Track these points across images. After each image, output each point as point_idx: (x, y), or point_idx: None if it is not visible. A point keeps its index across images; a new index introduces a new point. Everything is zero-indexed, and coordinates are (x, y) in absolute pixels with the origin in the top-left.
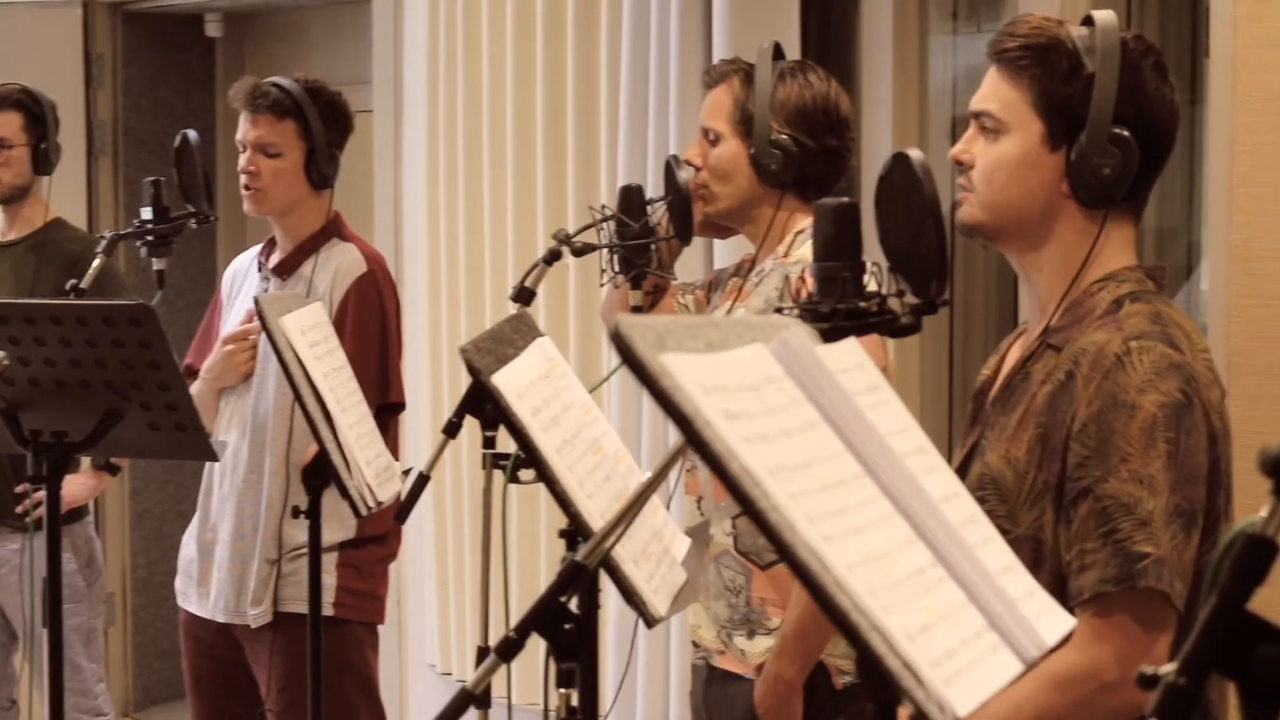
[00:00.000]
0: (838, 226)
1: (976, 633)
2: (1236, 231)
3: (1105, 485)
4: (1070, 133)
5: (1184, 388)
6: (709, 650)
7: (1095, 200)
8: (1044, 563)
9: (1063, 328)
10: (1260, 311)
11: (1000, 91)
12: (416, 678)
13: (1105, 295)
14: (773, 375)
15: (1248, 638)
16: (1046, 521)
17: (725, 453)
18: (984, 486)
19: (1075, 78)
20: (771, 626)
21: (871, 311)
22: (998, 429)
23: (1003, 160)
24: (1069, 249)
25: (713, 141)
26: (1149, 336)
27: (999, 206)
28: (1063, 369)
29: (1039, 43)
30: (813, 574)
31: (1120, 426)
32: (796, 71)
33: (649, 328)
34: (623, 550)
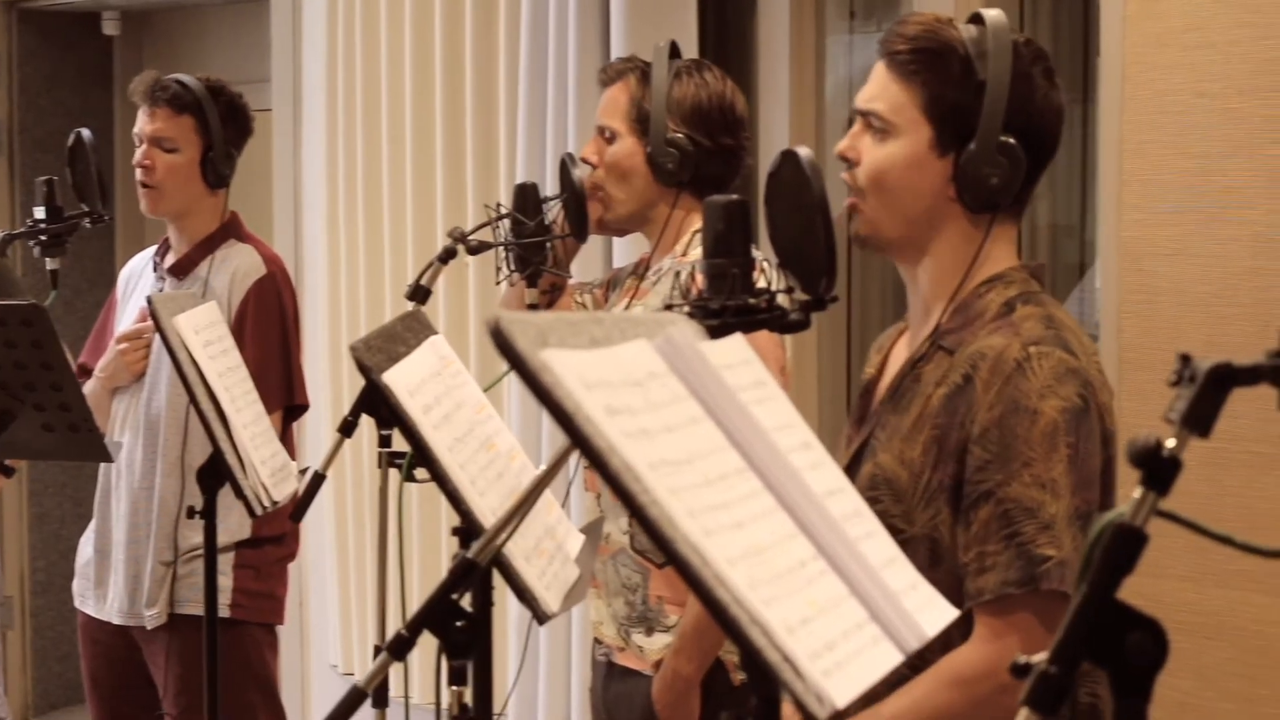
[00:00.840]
0: (727, 223)
1: (858, 625)
2: (1126, 229)
3: (1008, 489)
4: (959, 138)
5: (1081, 392)
6: (610, 647)
7: (981, 206)
8: (941, 561)
9: (953, 329)
10: (1149, 308)
11: (890, 92)
12: (319, 678)
13: (995, 297)
14: (656, 371)
15: (1118, 626)
16: (942, 521)
17: (606, 448)
18: (877, 486)
19: (966, 83)
20: (669, 624)
21: (761, 308)
22: (889, 429)
23: (891, 163)
24: (954, 252)
25: (609, 140)
26: (1046, 342)
27: (888, 213)
28: (959, 372)
29: (930, 46)
30: (693, 568)
31: (1023, 431)
32: (693, 70)
33: (530, 324)
34: (514, 547)
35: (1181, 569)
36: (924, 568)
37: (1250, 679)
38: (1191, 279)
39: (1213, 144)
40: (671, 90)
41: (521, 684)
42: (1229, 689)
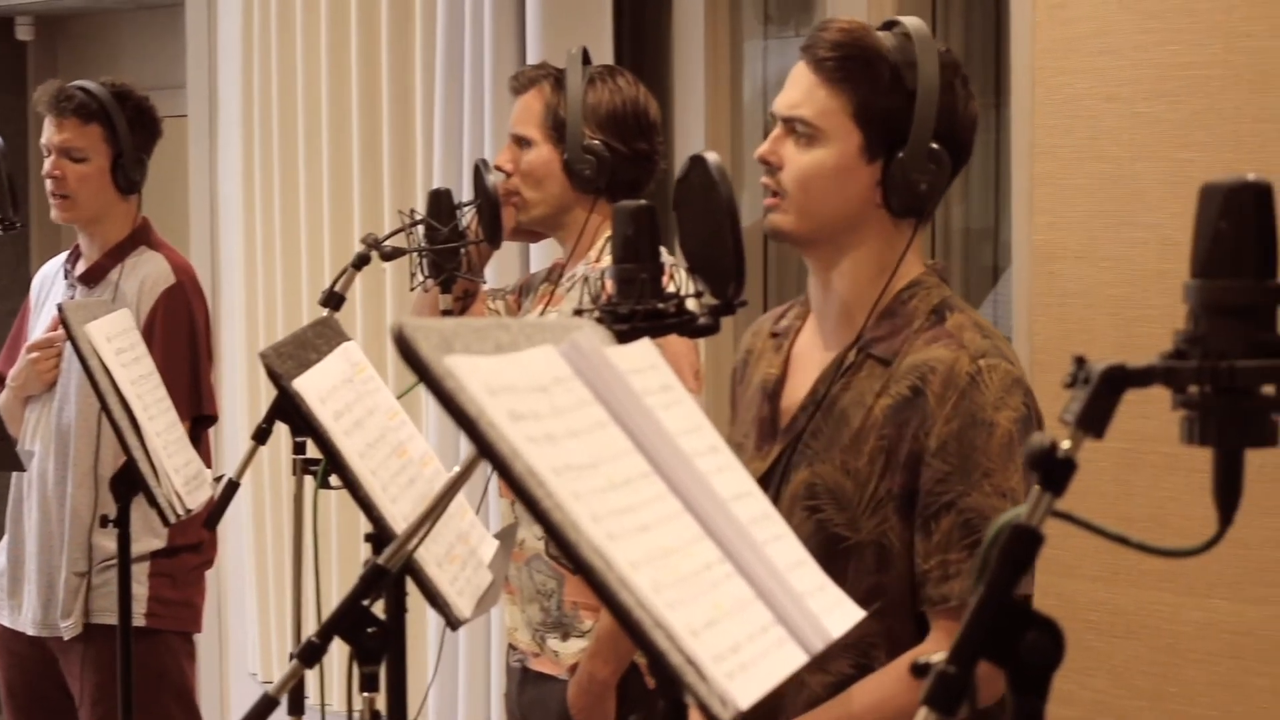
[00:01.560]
0: (635, 228)
1: (763, 627)
2: (1038, 232)
3: (969, 499)
4: (887, 145)
5: (1026, 401)
6: (524, 653)
7: (907, 211)
8: (890, 566)
9: (882, 337)
10: (1061, 310)
11: (816, 98)
12: (237, 687)
13: (919, 304)
14: (561, 376)
15: (1015, 626)
16: (890, 527)
17: (509, 453)
18: (818, 495)
19: (896, 91)
20: (584, 629)
21: (669, 313)
22: (825, 439)
23: (819, 168)
24: (874, 256)
25: (524, 147)
26: (991, 354)
27: (813, 215)
28: (904, 383)
29: (858, 53)
30: (596, 572)
31: (980, 443)
32: (606, 76)
33: (434, 330)
34: (426, 553)
35: (1094, 569)
36: (871, 571)
37: (1161, 677)
38: (1101, 282)
39: (1122, 148)
40: (586, 97)
41: (441, 690)
42: (1140, 687)
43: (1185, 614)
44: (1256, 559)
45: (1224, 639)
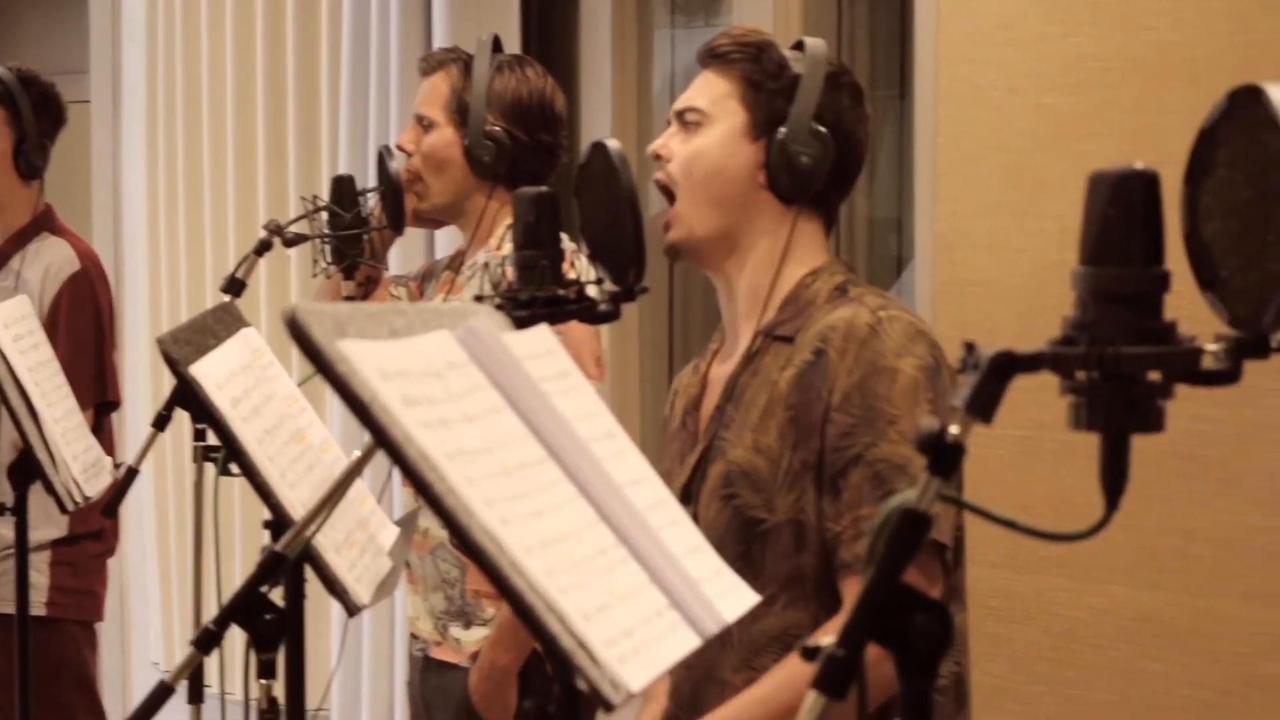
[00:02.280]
0: (536, 215)
1: (657, 612)
2: (941, 221)
3: (876, 449)
4: (771, 125)
5: (933, 352)
6: (426, 641)
7: (790, 191)
8: (806, 546)
9: (787, 319)
10: (964, 300)
11: (710, 86)
12: (140, 676)
13: (822, 285)
14: (457, 361)
15: (904, 609)
16: (807, 502)
17: (402, 438)
18: (733, 483)
19: (781, 76)
20: (487, 618)
21: (570, 299)
22: (736, 425)
23: (703, 149)
24: (765, 244)
25: (426, 129)
26: (892, 306)
27: (700, 203)
28: (808, 349)
29: (751, 41)
30: (489, 556)
31: (884, 390)
32: (514, 65)
33: (328, 314)
34: (324, 539)
35: (993, 556)
36: (789, 554)
37: (1059, 662)
38: (1003, 271)
39: (1024, 139)
40: (492, 84)
41: (345, 678)
42: (1039, 672)
43: (1083, 600)
44: (1152, 546)
45: (1121, 624)
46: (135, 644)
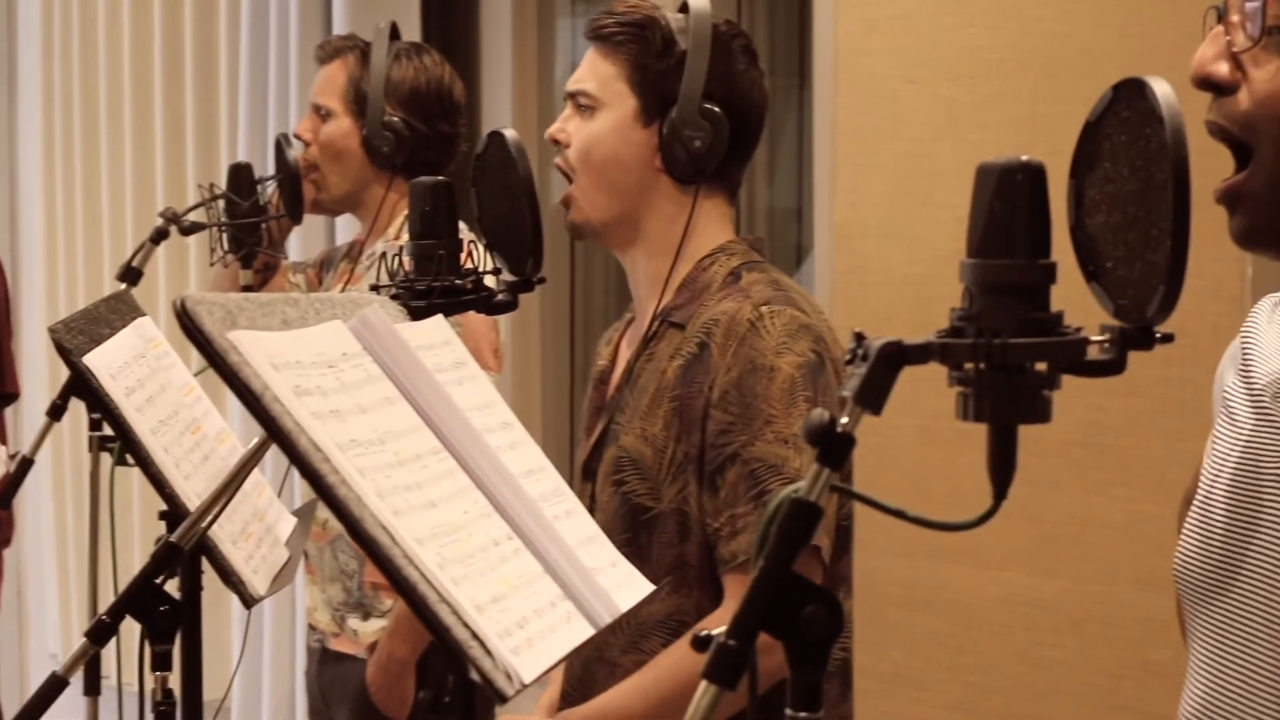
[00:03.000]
0: (433, 205)
1: (551, 602)
2: (839, 211)
3: (752, 448)
4: (663, 108)
5: (815, 347)
6: (324, 633)
7: (687, 174)
8: (690, 535)
9: (682, 304)
10: (861, 288)
11: (597, 69)
12: (38, 668)
13: (718, 269)
14: (350, 352)
15: (794, 600)
16: (690, 493)
17: (294, 428)
18: (622, 468)
19: (668, 54)
20: (384, 609)
21: (467, 289)
22: (629, 411)
23: (597, 135)
24: (666, 225)
25: (324, 118)
26: (776, 301)
27: (599, 189)
28: (693, 341)
29: (634, 20)
30: (381, 548)
31: (761, 389)
32: (412, 54)
33: (218, 305)
34: (220, 530)
35: (892, 544)
36: (673, 543)
37: (957, 649)
38: (901, 260)
39: (921, 129)
40: (390, 73)
41: (246, 669)
42: (937, 659)
43: (981, 588)
44: (1049, 533)
45: (1018, 612)
46: (32, 635)
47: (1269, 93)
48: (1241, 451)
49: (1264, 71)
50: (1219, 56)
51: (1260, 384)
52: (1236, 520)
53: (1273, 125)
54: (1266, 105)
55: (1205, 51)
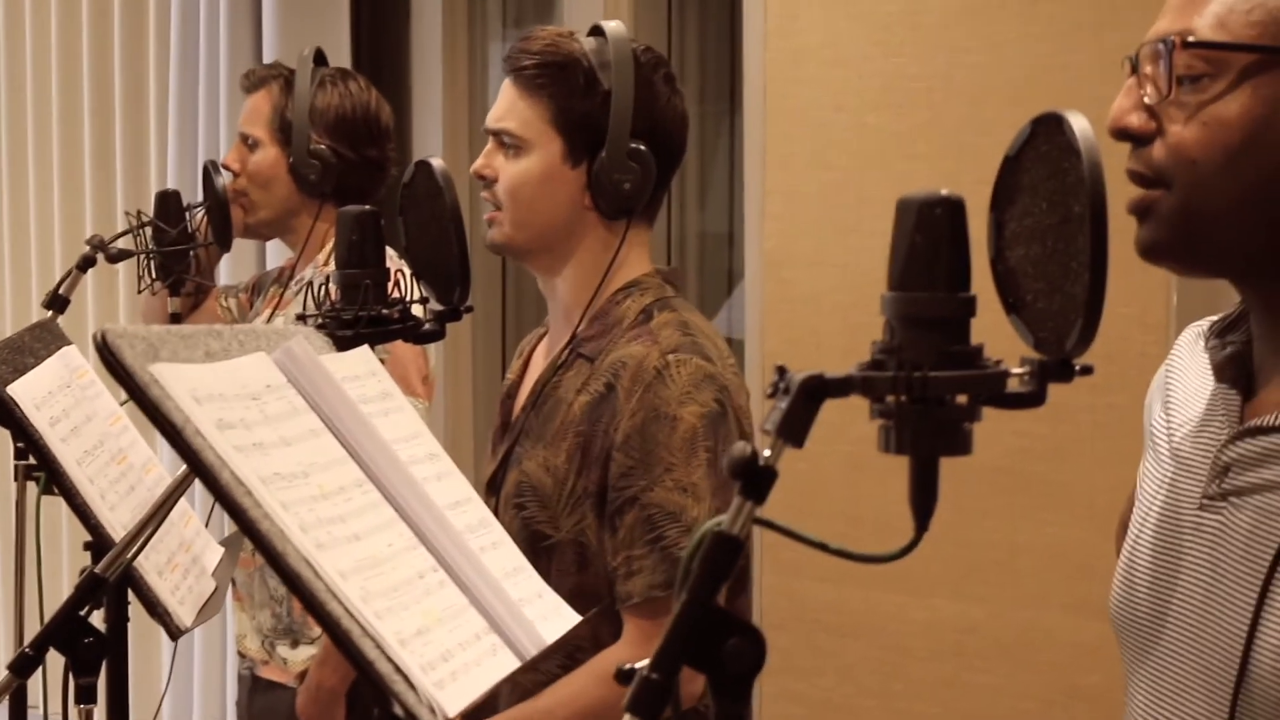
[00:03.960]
0: (360, 234)
1: (476, 635)
2: (768, 239)
3: (651, 494)
4: (589, 148)
5: (718, 397)
6: (253, 660)
7: (616, 213)
8: (588, 564)
9: (592, 337)
10: (790, 316)
11: (518, 109)
12: None
13: (631, 305)
14: (275, 384)
15: (717, 633)
16: (588, 526)
17: (216, 462)
18: (524, 494)
19: (592, 94)
20: (314, 636)
21: (394, 319)
22: (534, 437)
23: (526, 178)
24: (592, 259)
25: (251, 147)
26: (684, 349)
27: (528, 224)
28: (600, 380)
29: (555, 59)
30: (304, 582)
31: (663, 438)
32: (337, 80)
33: (140, 337)
34: (146, 561)
35: (822, 570)
36: (571, 571)
37: (887, 675)
38: (829, 288)
39: (850, 157)
40: (315, 100)
41: (177, 699)
42: (868, 685)
43: (910, 613)
44: (977, 559)
45: (948, 637)
46: None
47: (1184, 138)
48: (1165, 496)
49: (1183, 114)
50: (1134, 108)
51: (1180, 433)
52: (1160, 569)
53: (1188, 169)
54: (1182, 151)
55: (1121, 103)
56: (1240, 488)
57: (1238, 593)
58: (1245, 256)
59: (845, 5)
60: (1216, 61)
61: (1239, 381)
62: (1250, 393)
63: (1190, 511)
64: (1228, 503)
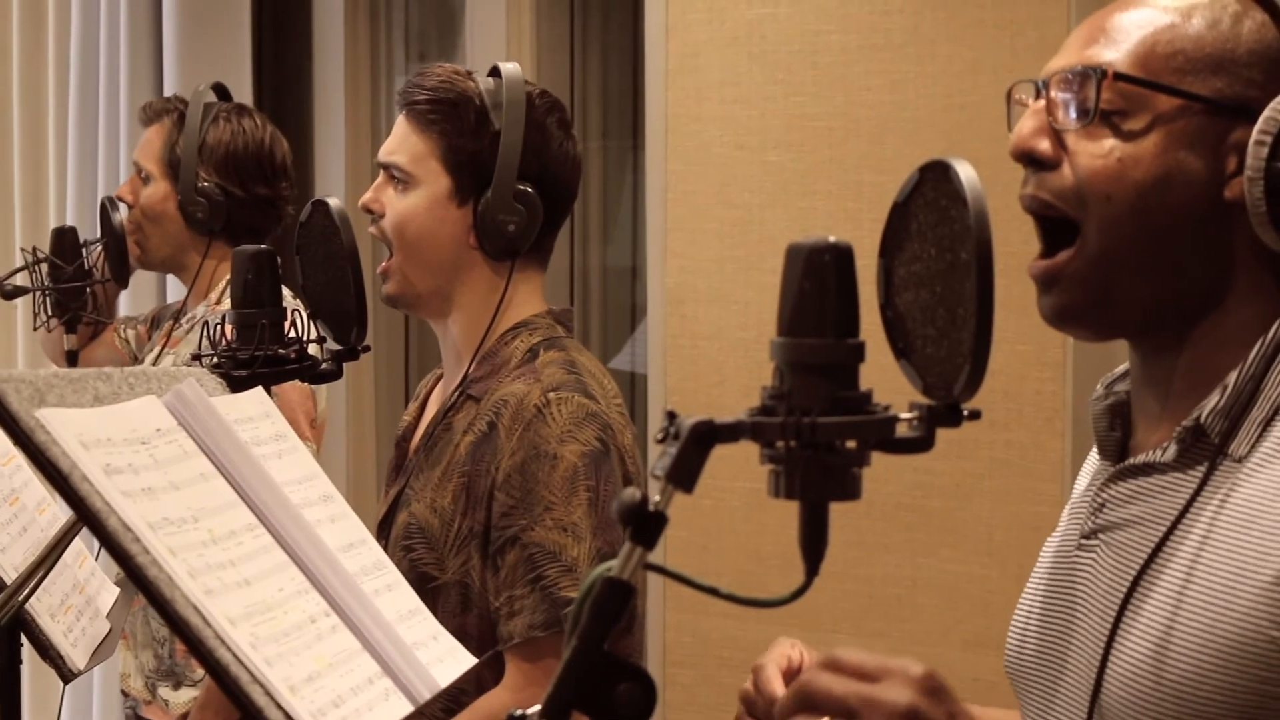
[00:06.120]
0: (256, 273)
1: (369, 679)
2: (670, 275)
3: (531, 533)
4: (478, 187)
5: (601, 435)
6: (136, 699)
7: (500, 254)
8: (472, 606)
9: (480, 378)
10: (693, 352)
11: (409, 143)
12: None
13: (519, 345)
14: (164, 427)
15: (608, 678)
16: (473, 567)
17: (103, 509)
18: (412, 535)
19: (482, 133)
20: (196, 679)
21: (291, 359)
22: (423, 479)
23: (412, 213)
24: (480, 300)
25: (145, 180)
26: (566, 387)
27: (415, 265)
28: (484, 419)
29: (448, 97)
30: (192, 629)
31: (544, 476)
32: (231, 116)
33: (27, 382)
34: (38, 604)
35: (725, 606)
36: (455, 613)
37: None
38: (732, 325)
39: (752, 195)
40: (206, 136)
41: None
42: None
43: (811, 648)
44: (878, 594)
45: None
46: None
47: (1096, 169)
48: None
49: (1095, 146)
50: (1040, 132)
51: (1075, 502)
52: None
53: (1100, 202)
54: (1094, 182)
55: (1026, 125)
56: (1109, 524)
57: (1095, 629)
58: (1153, 305)
59: (746, 44)
60: (1135, 99)
61: (1117, 427)
62: (1127, 440)
63: (1070, 554)
64: (1099, 540)
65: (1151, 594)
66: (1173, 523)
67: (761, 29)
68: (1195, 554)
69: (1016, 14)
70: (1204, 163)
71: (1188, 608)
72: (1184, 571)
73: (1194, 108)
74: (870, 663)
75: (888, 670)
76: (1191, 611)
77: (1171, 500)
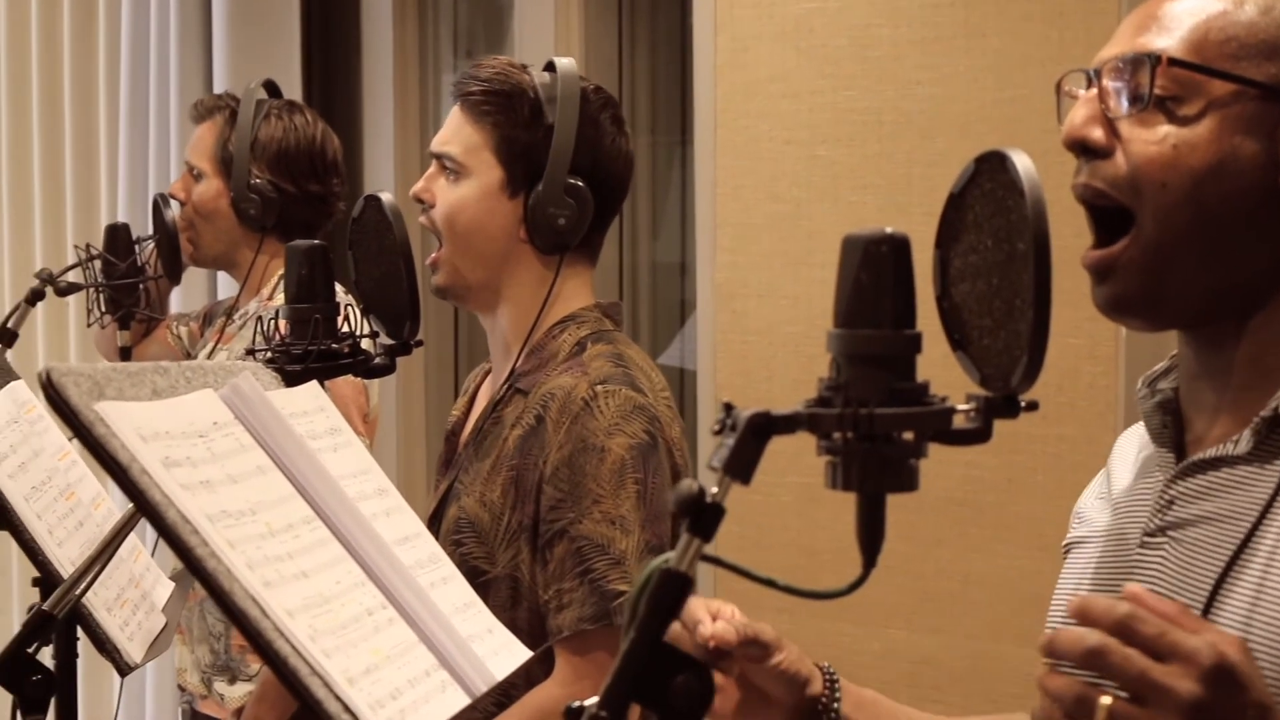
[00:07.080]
0: (309, 268)
1: (426, 671)
2: (720, 270)
3: (579, 526)
4: (529, 180)
5: (649, 428)
6: (193, 694)
7: (550, 247)
8: (522, 600)
9: (528, 371)
10: (742, 347)
11: (463, 134)
12: None
13: (567, 338)
14: (221, 421)
15: (665, 669)
16: (523, 561)
17: (162, 501)
18: (461, 529)
19: (536, 126)
20: (252, 673)
21: (344, 353)
22: (472, 473)
23: (463, 203)
24: (529, 293)
25: (196, 177)
26: (613, 380)
27: (465, 257)
28: (531, 413)
29: (503, 88)
30: (251, 621)
31: (591, 469)
32: (283, 113)
33: (86, 375)
34: (95, 598)
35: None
36: (506, 607)
37: None
38: (781, 320)
39: (800, 190)
40: (258, 133)
41: None
42: None
43: (865, 644)
44: (931, 590)
45: (902, 668)
46: None
47: (1151, 156)
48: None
49: (1149, 133)
50: (1093, 120)
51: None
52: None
53: (1155, 190)
54: (1149, 170)
55: (1079, 113)
56: (1180, 521)
57: None
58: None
59: (795, 39)
60: (1189, 85)
61: (1168, 424)
62: (1181, 436)
63: (1130, 553)
64: (1167, 538)
65: (1231, 592)
66: (1259, 516)
67: (810, 23)
68: (1272, 549)
69: (1065, 6)
70: (1260, 148)
71: (1266, 604)
72: (1261, 568)
73: (1249, 93)
74: (1169, 633)
75: (1180, 649)
76: (1270, 608)
77: (1250, 494)
